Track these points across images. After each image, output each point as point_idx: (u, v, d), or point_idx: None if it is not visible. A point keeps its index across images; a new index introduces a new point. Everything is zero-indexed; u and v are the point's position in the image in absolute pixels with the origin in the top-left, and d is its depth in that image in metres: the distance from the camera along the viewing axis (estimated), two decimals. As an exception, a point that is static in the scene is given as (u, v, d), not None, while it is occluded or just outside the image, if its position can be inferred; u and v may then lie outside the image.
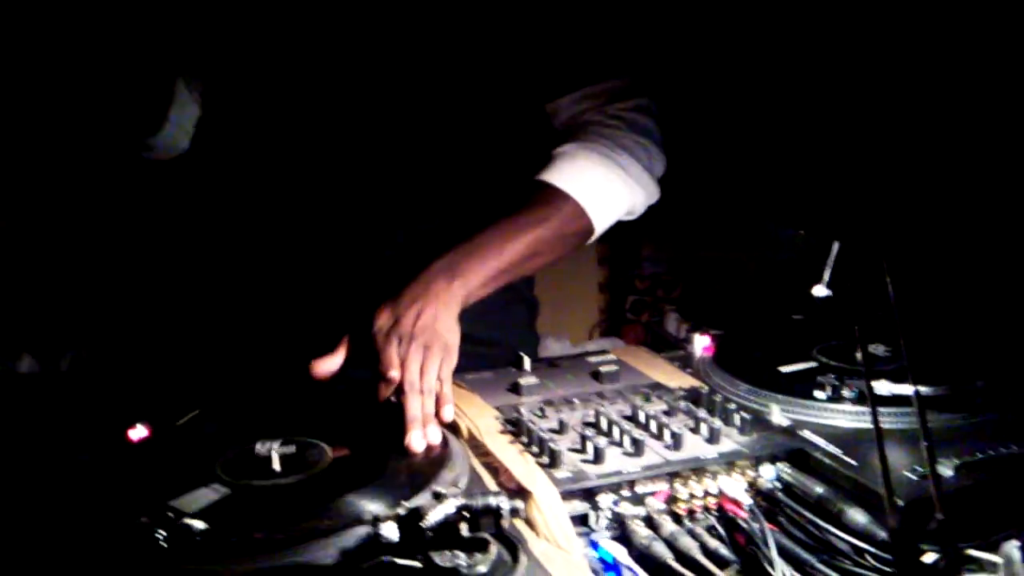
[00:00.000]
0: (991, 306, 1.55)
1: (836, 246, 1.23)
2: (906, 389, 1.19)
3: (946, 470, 1.06)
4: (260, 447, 1.13)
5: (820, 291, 1.30)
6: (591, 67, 1.57)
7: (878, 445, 0.88)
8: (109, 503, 1.05)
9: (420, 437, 1.17)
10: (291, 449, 1.13)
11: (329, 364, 1.31)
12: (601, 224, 1.53)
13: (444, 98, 1.54)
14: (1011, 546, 0.88)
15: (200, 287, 1.75)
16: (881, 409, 1.12)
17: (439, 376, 1.26)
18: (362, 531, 0.94)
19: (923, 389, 1.08)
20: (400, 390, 1.23)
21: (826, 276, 1.27)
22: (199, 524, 0.92)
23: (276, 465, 1.10)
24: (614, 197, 1.55)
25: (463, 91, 1.55)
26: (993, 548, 0.99)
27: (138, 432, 1.22)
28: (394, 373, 1.23)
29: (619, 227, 1.60)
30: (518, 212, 1.47)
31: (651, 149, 1.58)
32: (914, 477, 1.06)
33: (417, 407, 1.20)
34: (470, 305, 1.39)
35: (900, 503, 0.98)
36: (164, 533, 0.92)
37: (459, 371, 1.34)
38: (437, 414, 1.24)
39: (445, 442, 1.17)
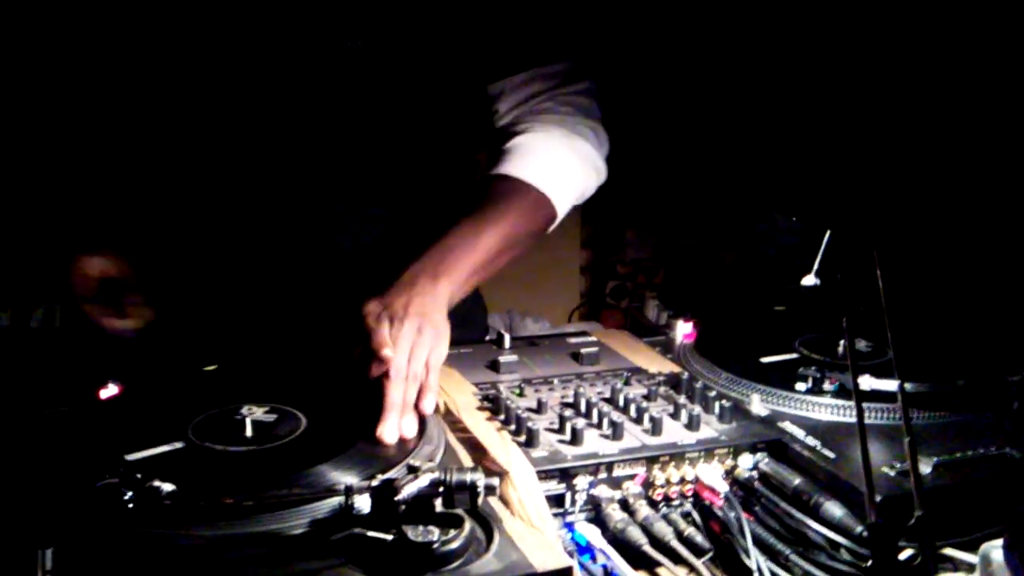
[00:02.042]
0: (975, 305, 1.55)
1: (827, 236, 1.22)
2: (887, 385, 1.19)
3: (925, 467, 1.06)
4: (244, 411, 1.11)
5: (809, 280, 1.30)
6: (547, 46, 1.55)
7: (861, 441, 0.88)
8: (76, 461, 1.03)
9: (394, 427, 1.12)
10: (271, 417, 1.11)
11: None
12: (562, 211, 1.52)
13: (394, 77, 1.51)
14: (989, 547, 0.88)
15: (170, 257, 1.72)
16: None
17: (427, 363, 1.21)
18: (334, 502, 0.92)
19: (906, 386, 1.08)
20: (385, 373, 1.21)
21: (816, 265, 1.26)
22: (167, 486, 0.90)
23: (249, 431, 1.08)
24: (574, 184, 1.54)
25: (414, 69, 1.51)
26: (970, 547, 0.99)
27: (109, 390, 1.20)
28: (388, 352, 1.19)
29: (603, 211, 1.60)
30: (486, 207, 1.44)
31: (600, 132, 1.58)
32: (892, 473, 1.06)
33: (399, 394, 1.16)
34: None
35: (878, 499, 0.97)
36: (131, 494, 0.90)
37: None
38: (417, 403, 1.18)
39: (421, 416, 1.15)
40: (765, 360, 1.39)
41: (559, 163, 1.50)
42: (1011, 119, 1.47)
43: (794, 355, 1.40)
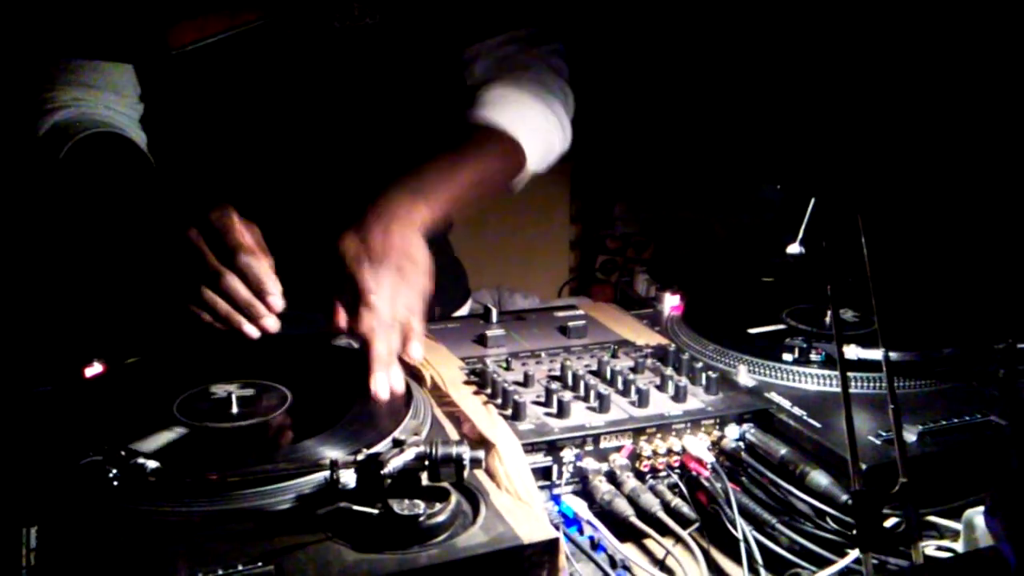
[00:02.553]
0: (960, 272, 1.55)
1: (812, 203, 1.21)
2: (874, 354, 1.19)
3: (910, 436, 1.06)
4: (217, 389, 1.11)
5: (794, 249, 1.29)
6: (522, 9, 1.61)
7: (845, 409, 0.88)
8: (61, 439, 1.03)
9: (384, 380, 1.13)
10: (249, 392, 1.11)
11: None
12: (531, 161, 1.54)
13: (382, 49, 1.53)
14: (972, 513, 0.88)
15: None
16: (848, 374, 1.12)
17: (410, 307, 1.20)
18: (319, 476, 0.92)
19: (892, 355, 1.08)
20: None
21: (801, 234, 1.26)
22: (152, 463, 0.90)
23: (234, 407, 1.08)
24: (543, 138, 1.57)
25: (401, 39, 1.53)
26: (953, 515, 1.00)
27: (94, 368, 1.20)
28: (374, 299, 1.17)
29: (592, 186, 1.61)
30: (464, 146, 1.48)
31: (568, 92, 1.63)
32: (877, 442, 1.06)
33: (384, 346, 1.15)
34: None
35: (863, 467, 0.97)
36: (116, 471, 0.90)
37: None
38: (404, 351, 1.18)
39: (408, 390, 1.15)
40: (752, 331, 1.39)
41: (531, 115, 1.55)
42: (993, 87, 1.47)
43: (781, 326, 1.40)
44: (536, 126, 1.55)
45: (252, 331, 1.17)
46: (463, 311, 1.81)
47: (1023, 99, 1.50)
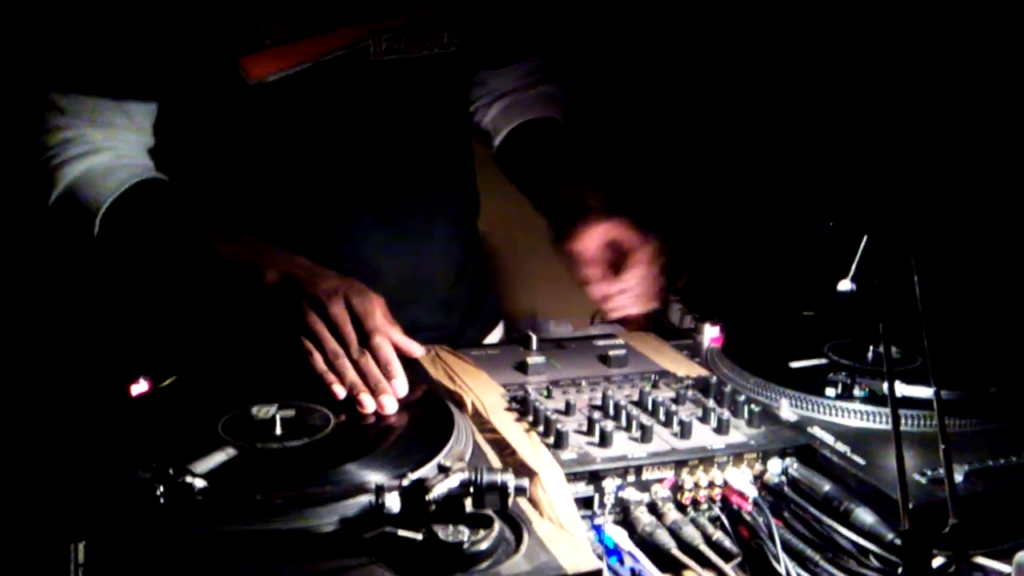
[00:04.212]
0: (1005, 311, 1.53)
1: (864, 240, 1.21)
2: (920, 391, 1.18)
3: (957, 475, 1.05)
4: (256, 410, 1.12)
5: (845, 286, 1.29)
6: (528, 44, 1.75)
7: (896, 448, 0.87)
8: (108, 456, 1.04)
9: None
10: (291, 413, 1.12)
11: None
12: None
13: (451, 67, 1.56)
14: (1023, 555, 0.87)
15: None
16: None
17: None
18: (364, 500, 0.92)
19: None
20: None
21: (852, 270, 1.25)
22: (200, 483, 0.91)
23: (278, 428, 1.09)
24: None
25: (466, 58, 1.58)
26: (1002, 556, 0.99)
27: (139, 387, 1.21)
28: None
29: (624, 214, 1.62)
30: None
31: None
32: (923, 480, 1.05)
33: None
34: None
35: (910, 506, 0.96)
36: (164, 489, 0.90)
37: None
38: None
39: (451, 416, 1.15)
40: (794, 365, 1.38)
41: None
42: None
43: (822, 360, 1.39)
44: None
45: (371, 404, 1.18)
46: (495, 335, 1.83)
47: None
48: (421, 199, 1.59)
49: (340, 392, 1.19)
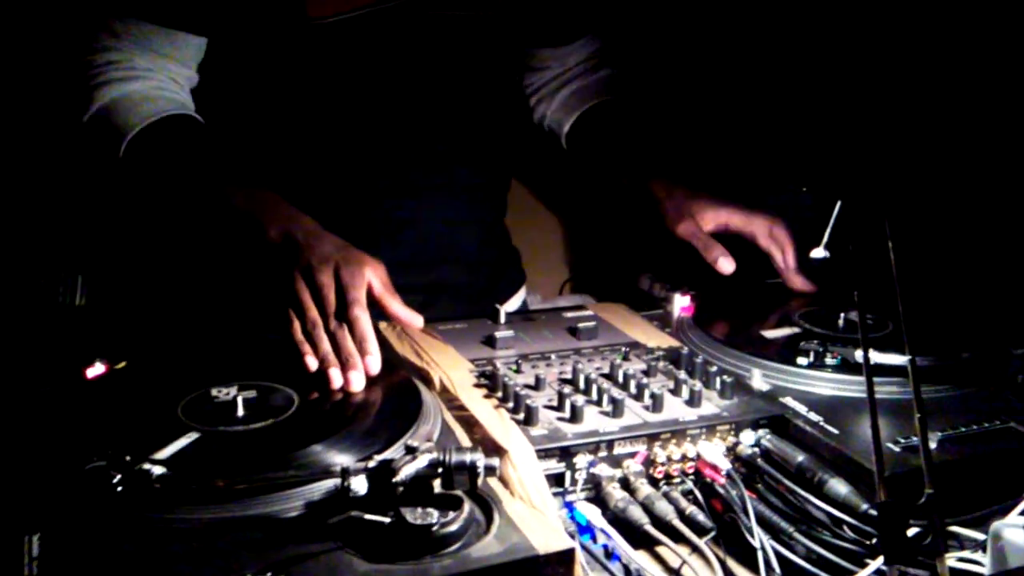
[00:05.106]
0: (977, 277, 1.53)
1: (838, 206, 1.19)
2: (891, 358, 1.17)
3: (931, 443, 1.04)
4: (217, 392, 1.09)
5: (818, 253, 1.27)
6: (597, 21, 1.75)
7: (872, 419, 0.86)
8: (63, 443, 1.01)
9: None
10: (252, 394, 1.09)
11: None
12: None
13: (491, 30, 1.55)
14: (1000, 525, 0.86)
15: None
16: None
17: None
18: (330, 483, 0.90)
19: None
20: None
21: (825, 238, 1.24)
22: (158, 469, 0.88)
23: (240, 411, 1.06)
24: None
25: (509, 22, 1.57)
26: (976, 524, 0.98)
27: (95, 369, 1.17)
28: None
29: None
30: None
31: None
32: (897, 449, 1.04)
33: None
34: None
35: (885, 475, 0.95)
36: (121, 477, 0.87)
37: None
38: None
39: (418, 394, 1.13)
40: (766, 334, 1.37)
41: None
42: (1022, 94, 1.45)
43: (794, 329, 1.38)
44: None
45: (338, 379, 1.15)
46: (519, 296, 1.84)
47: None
48: (459, 157, 1.60)
49: (311, 364, 1.16)
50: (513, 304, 1.78)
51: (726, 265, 1.49)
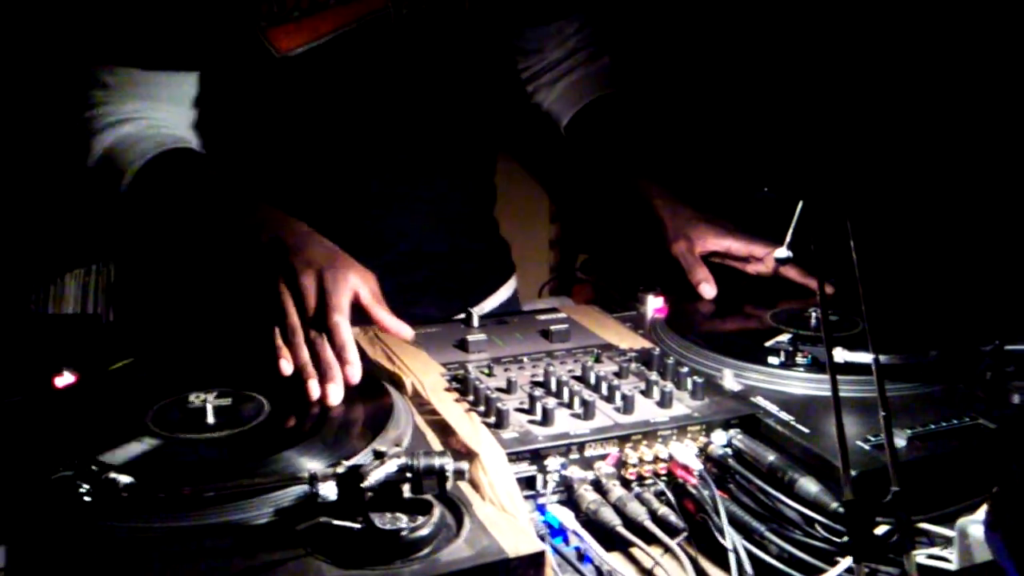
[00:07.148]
0: (945, 275, 1.54)
1: (800, 206, 1.20)
2: (860, 357, 1.17)
3: (899, 440, 1.05)
4: (193, 398, 1.08)
5: (781, 253, 1.28)
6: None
7: (836, 418, 0.86)
8: (31, 453, 1.00)
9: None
10: (226, 401, 1.08)
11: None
12: None
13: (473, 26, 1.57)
14: (966, 521, 0.87)
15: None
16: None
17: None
18: (298, 490, 0.89)
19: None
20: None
21: (788, 237, 1.24)
22: (125, 478, 0.87)
23: (210, 418, 1.05)
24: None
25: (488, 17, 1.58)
26: (944, 521, 0.98)
27: (64, 379, 1.16)
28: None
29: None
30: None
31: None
32: (866, 447, 1.05)
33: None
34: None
35: (853, 473, 0.96)
36: (87, 487, 0.87)
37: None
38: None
39: (388, 398, 1.12)
40: (737, 333, 1.37)
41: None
42: (983, 92, 1.46)
43: (766, 328, 1.39)
44: None
45: (316, 391, 1.14)
46: (510, 286, 1.87)
47: (1007, 107, 1.49)
48: (444, 157, 1.62)
49: (286, 368, 1.16)
50: (503, 294, 1.81)
51: (708, 291, 1.54)
